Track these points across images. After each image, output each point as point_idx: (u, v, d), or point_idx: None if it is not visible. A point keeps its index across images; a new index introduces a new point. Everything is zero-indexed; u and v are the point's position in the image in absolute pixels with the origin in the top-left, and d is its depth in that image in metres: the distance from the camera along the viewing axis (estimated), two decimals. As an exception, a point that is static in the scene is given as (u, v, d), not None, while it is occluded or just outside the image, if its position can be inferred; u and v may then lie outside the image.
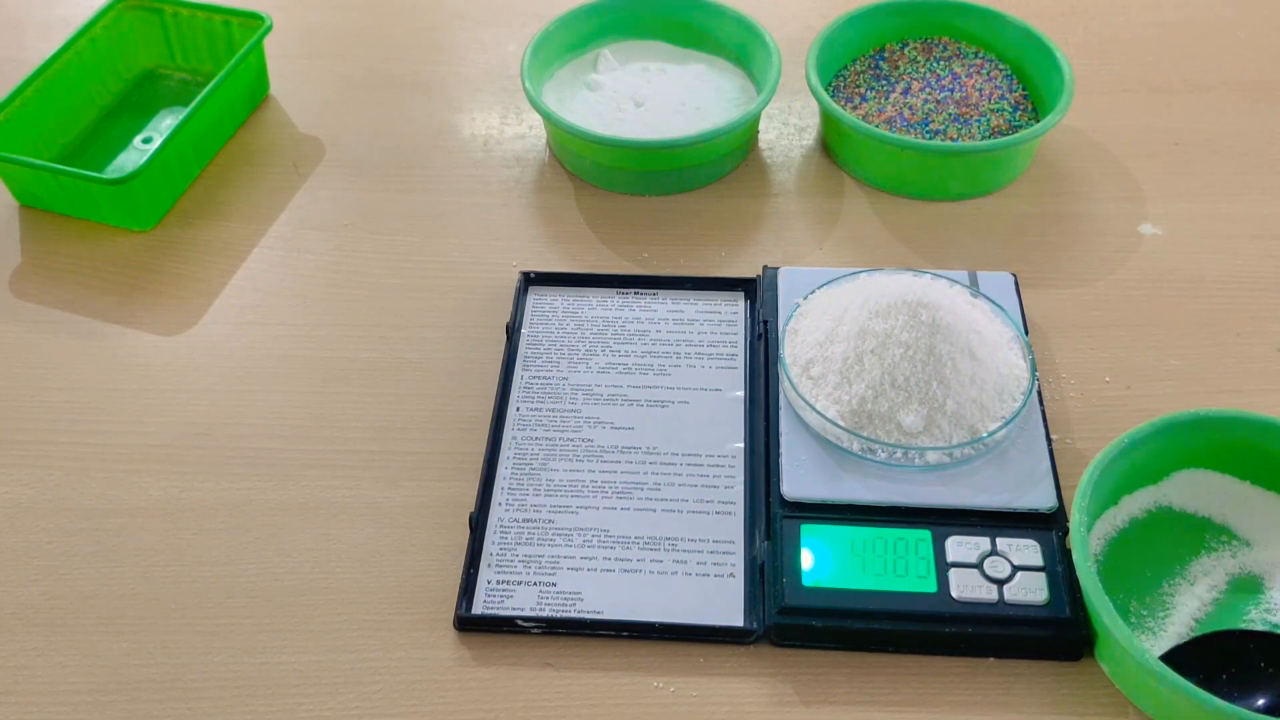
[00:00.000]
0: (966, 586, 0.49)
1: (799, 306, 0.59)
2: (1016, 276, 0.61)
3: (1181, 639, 0.49)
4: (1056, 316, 0.63)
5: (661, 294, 0.63)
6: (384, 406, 0.60)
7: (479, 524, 0.54)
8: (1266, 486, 0.53)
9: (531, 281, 0.64)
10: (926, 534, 0.51)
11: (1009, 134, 0.69)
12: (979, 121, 0.69)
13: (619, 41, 0.76)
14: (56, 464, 0.58)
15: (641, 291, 0.63)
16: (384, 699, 0.49)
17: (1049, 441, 0.54)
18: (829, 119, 0.70)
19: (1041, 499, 0.52)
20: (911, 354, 0.53)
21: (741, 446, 0.56)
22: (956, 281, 0.60)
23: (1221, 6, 0.83)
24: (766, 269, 0.62)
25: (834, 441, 0.54)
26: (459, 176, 0.72)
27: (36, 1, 0.87)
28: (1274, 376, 0.60)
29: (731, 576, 0.52)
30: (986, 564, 0.50)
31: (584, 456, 0.56)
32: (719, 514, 0.54)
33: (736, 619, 0.50)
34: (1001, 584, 0.49)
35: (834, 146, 0.72)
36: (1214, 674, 0.47)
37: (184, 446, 0.58)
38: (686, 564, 0.52)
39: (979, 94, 0.71)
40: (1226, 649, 0.48)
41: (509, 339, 0.61)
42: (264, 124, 0.76)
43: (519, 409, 0.58)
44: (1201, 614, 0.50)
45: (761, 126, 0.74)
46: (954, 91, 0.71)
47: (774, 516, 0.52)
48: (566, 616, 0.50)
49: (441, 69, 0.80)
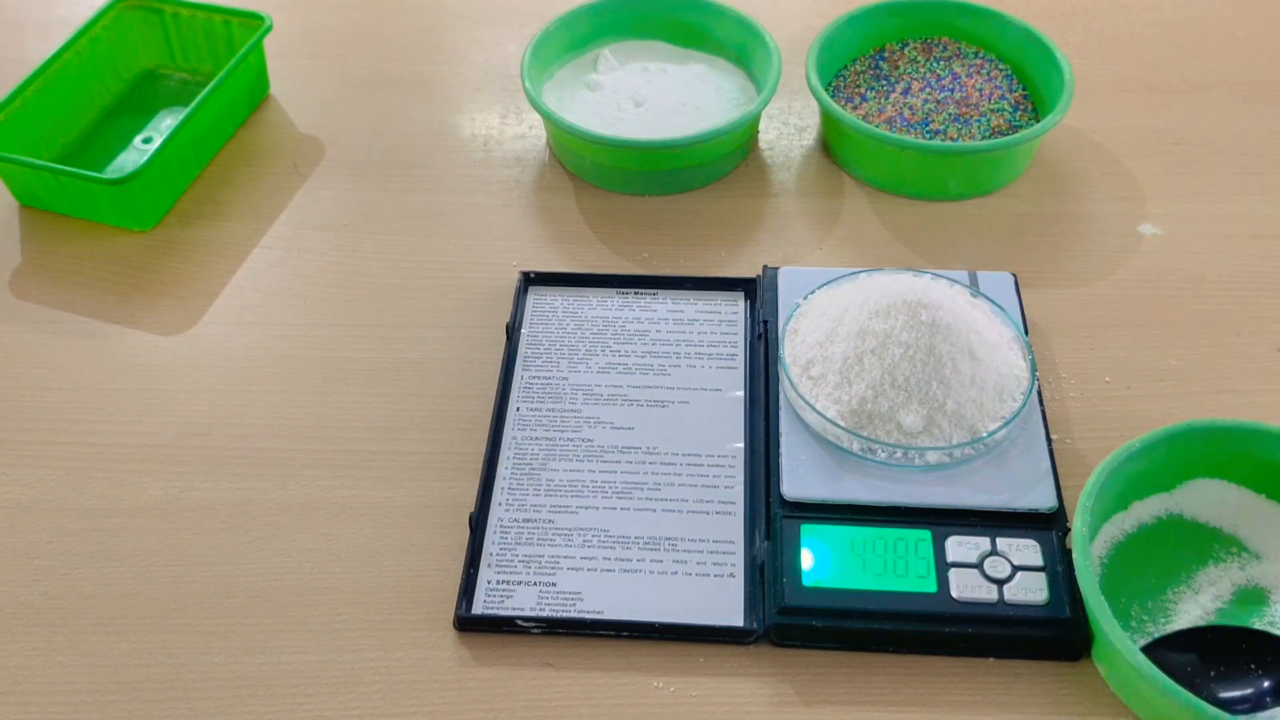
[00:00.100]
0: (966, 586, 0.49)
1: (799, 306, 0.59)
2: (1016, 276, 0.61)
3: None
4: (1056, 316, 0.63)
5: (661, 294, 0.63)
6: (384, 406, 0.60)
7: (479, 524, 0.54)
8: (1279, 500, 0.52)
9: (531, 281, 0.64)
10: (926, 534, 0.51)
11: (1009, 134, 0.69)
12: (979, 121, 0.69)
13: (619, 41, 0.76)
14: (56, 464, 0.58)
15: (641, 291, 0.63)
16: (384, 699, 0.49)
17: (1049, 441, 0.54)
18: (829, 119, 0.70)
19: (1041, 499, 0.52)
20: (911, 354, 0.53)
21: (741, 446, 0.56)
22: (956, 281, 0.60)
23: (1221, 6, 0.83)
24: (766, 269, 0.62)
25: (834, 441, 0.54)
26: (459, 176, 0.72)
27: (36, 1, 0.87)
28: (1274, 376, 0.60)
29: (731, 576, 0.52)
30: (986, 564, 0.50)
31: (584, 456, 0.56)
32: (719, 514, 0.54)
33: (736, 619, 0.50)
34: (1001, 584, 0.49)
35: (834, 146, 0.72)
36: (1203, 668, 0.47)
37: (184, 446, 0.58)
38: (686, 564, 0.52)
39: (979, 94, 0.71)
40: (1217, 645, 0.48)
41: (509, 339, 0.61)
42: (264, 124, 0.76)
43: (519, 409, 0.58)
44: (1203, 623, 0.49)
45: (761, 126, 0.74)
46: (954, 91, 0.71)
47: (774, 516, 0.52)
48: (566, 616, 0.50)
49: (441, 69, 0.80)
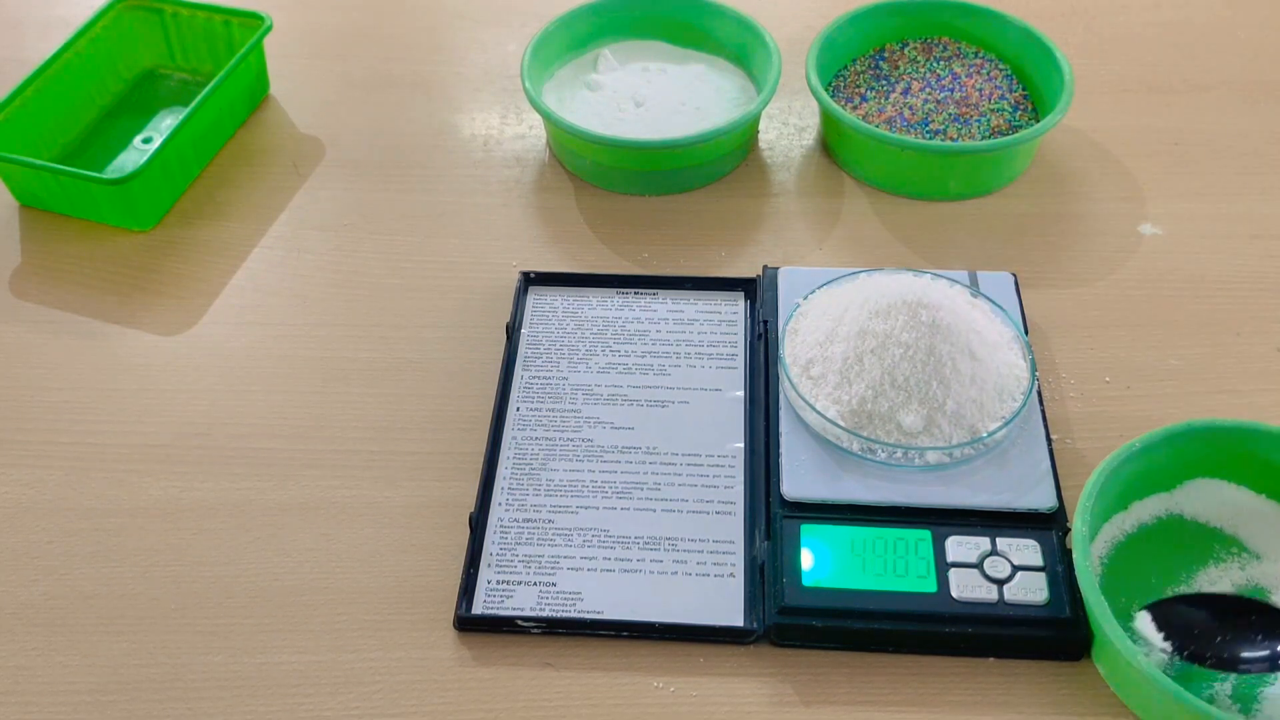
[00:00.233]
0: (966, 586, 0.49)
1: (799, 306, 0.59)
2: (1016, 276, 0.61)
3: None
4: (1056, 316, 0.63)
5: (661, 294, 0.63)
6: (384, 406, 0.60)
7: (479, 524, 0.54)
8: (1279, 500, 0.52)
9: (531, 281, 0.64)
10: (926, 534, 0.51)
11: (1009, 134, 0.69)
12: (979, 121, 0.69)
13: (619, 41, 0.76)
14: (56, 464, 0.58)
15: (641, 291, 0.63)
16: (384, 699, 0.49)
17: (1049, 441, 0.54)
18: (829, 119, 0.70)
19: (1041, 499, 0.52)
20: (911, 354, 0.53)
21: (741, 446, 0.56)
22: (956, 281, 0.60)
23: (1221, 6, 0.83)
24: (766, 269, 0.62)
25: (834, 441, 0.54)
26: (459, 176, 0.72)
27: (36, 1, 0.87)
28: (1274, 376, 0.60)
29: (731, 576, 0.52)
30: (986, 564, 0.50)
31: (584, 456, 0.56)
32: (719, 514, 0.54)
33: (736, 619, 0.50)
34: (1001, 584, 0.49)
35: (834, 146, 0.72)
36: (1207, 631, 0.47)
37: (184, 446, 0.58)
38: (686, 564, 0.52)
39: (979, 94, 0.71)
40: (1222, 612, 0.48)
41: (509, 339, 0.61)
42: (264, 124, 0.76)
43: (519, 409, 0.58)
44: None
45: (761, 126, 0.74)
46: (954, 91, 0.71)
47: (774, 516, 0.52)
48: (566, 616, 0.50)
49: (441, 69, 0.80)
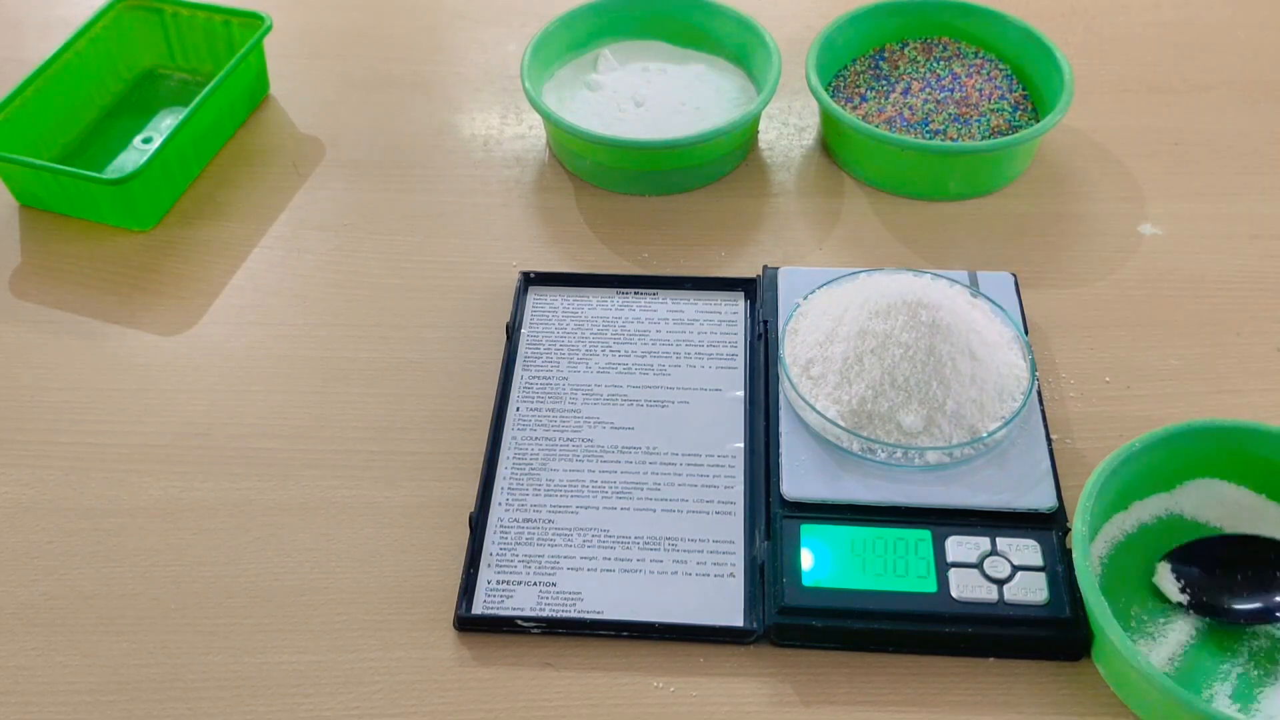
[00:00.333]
0: (966, 586, 0.49)
1: (799, 306, 0.59)
2: (1016, 276, 0.61)
3: (1180, 646, 0.48)
4: (1056, 316, 0.63)
5: (661, 294, 0.63)
6: (384, 406, 0.60)
7: (479, 524, 0.54)
8: (1278, 500, 0.52)
9: (531, 281, 0.64)
10: (926, 534, 0.51)
11: (1009, 134, 0.69)
12: (979, 121, 0.69)
13: (619, 41, 0.76)
14: (56, 464, 0.58)
15: (641, 291, 0.63)
16: (384, 699, 0.49)
17: (1049, 441, 0.54)
18: (829, 119, 0.70)
19: (1041, 499, 0.52)
20: (911, 354, 0.53)
21: (741, 446, 0.56)
22: (956, 281, 0.60)
23: (1221, 6, 0.83)
24: (766, 269, 0.62)
25: (834, 441, 0.54)
26: (459, 176, 0.72)
27: (36, 1, 0.87)
28: (1274, 376, 0.60)
29: (731, 576, 0.52)
30: (986, 564, 0.50)
31: (584, 456, 0.56)
32: (719, 514, 0.54)
33: (736, 619, 0.50)
34: (1001, 584, 0.49)
35: (834, 146, 0.72)
36: (1224, 576, 0.48)
37: (184, 446, 0.58)
38: (686, 564, 0.52)
39: (979, 94, 0.71)
40: (1238, 554, 0.49)
41: (509, 339, 0.61)
42: (264, 124, 0.76)
43: (519, 409, 0.58)
44: (1203, 623, 0.49)
45: (761, 126, 0.74)
46: (954, 91, 0.71)
47: (774, 516, 0.52)
48: (566, 616, 0.50)
49: (441, 69, 0.80)
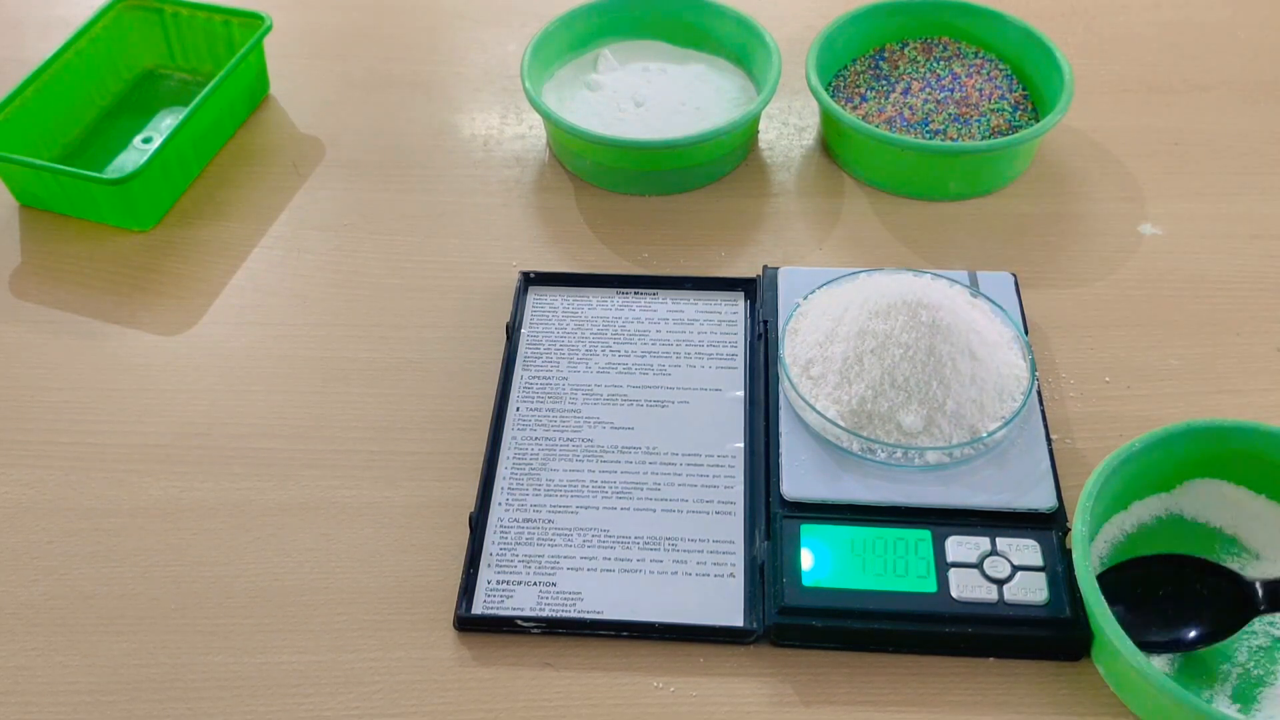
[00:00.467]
0: (966, 586, 0.49)
1: (799, 306, 0.59)
2: (1016, 276, 0.61)
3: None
4: (1056, 316, 0.63)
5: (661, 294, 0.63)
6: (384, 406, 0.60)
7: (479, 524, 0.54)
8: (1278, 500, 0.52)
9: (531, 281, 0.64)
10: (926, 534, 0.51)
11: (1009, 134, 0.69)
12: (979, 121, 0.69)
13: (619, 41, 0.76)
14: (56, 464, 0.58)
15: (641, 291, 0.63)
16: (384, 699, 0.49)
17: (1049, 441, 0.54)
18: (829, 119, 0.70)
19: (1041, 499, 0.52)
20: (911, 354, 0.53)
21: (741, 446, 0.56)
22: (956, 281, 0.60)
23: (1221, 6, 0.83)
24: (766, 269, 0.62)
25: (834, 441, 0.54)
26: (459, 176, 0.72)
27: (36, 1, 0.87)
28: (1274, 376, 0.60)
29: (731, 576, 0.52)
30: (986, 564, 0.50)
31: (584, 456, 0.56)
32: (719, 514, 0.54)
33: (736, 619, 0.50)
34: (1001, 584, 0.49)
35: (834, 146, 0.72)
36: (1150, 597, 0.48)
37: (184, 446, 0.58)
38: (686, 564, 0.52)
39: (979, 94, 0.71)
40: (1165, 574, 0.49)
41: (509, 339, 0.61)
42: (264, 124, 0.76)
43: (519, 409, 0.58)
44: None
45: (761, 126, 0.74)
46: (954, 91, 0.71)
47: (774, 516, 0.52)
48: (566, 616, 0.50)
49: (441, 69, 0.80)
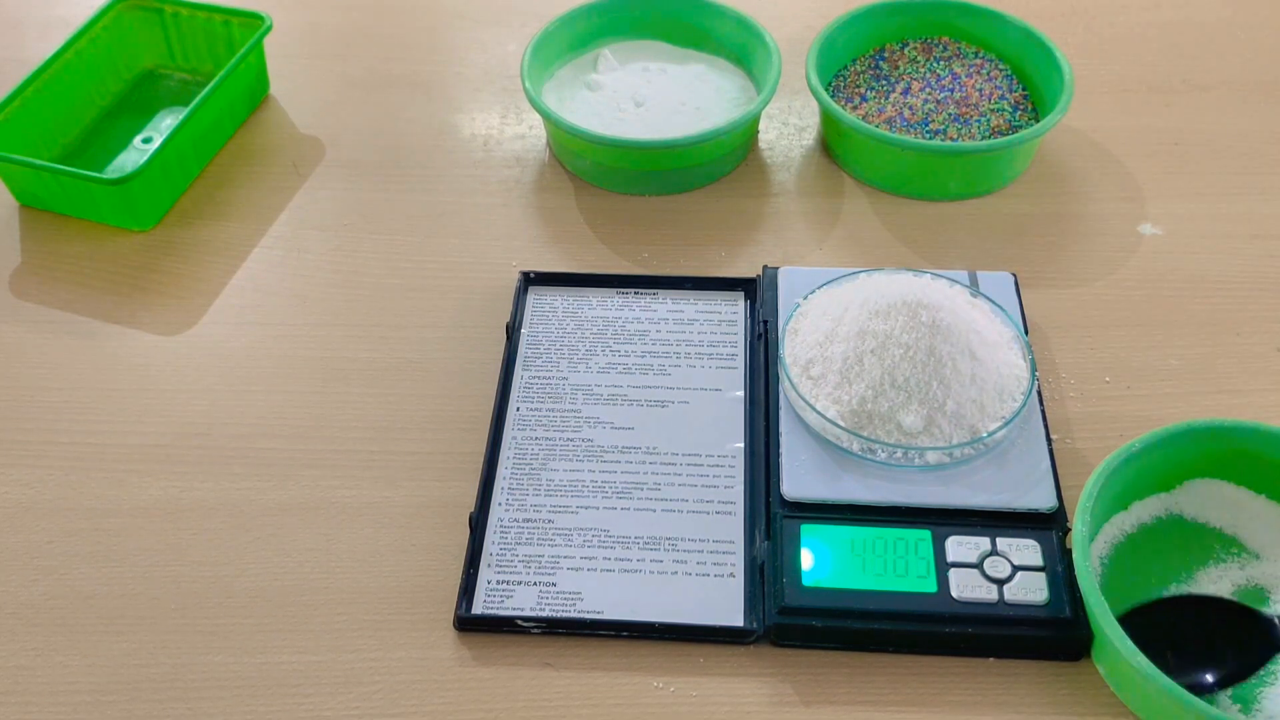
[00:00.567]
0: (966, 586, 0.49)
1: (799, 306, 0.59)
2: (1016, 276, 0.61)
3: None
4: (1056, 316, 0.63)
5: (661, 294, 0.63)
6: (384, 406, 0.60)
7: (479, 524, 0.54)
8: (1278, 500, 0.52)
9: (531, 281, 0.64)
10: (926, 534, 0.51)
11: (1009, 134, 0.69)
12: (979, 121, 0.69)
13: (619, 41, 0.76)
14: (56, 464, 0.58)
15: (641, 291, 0.63)
16: (384, 699, 0.49)
17: (1049, 441, 0.54)
18: (829, 119, 0.70)
19: (1041, 499, 0.52)
20: (911, 354, 0.53)
21: (741, 446, 0.56)
22: (956, 281, 0.60)
23: (1221, 6, 0.83)
24: (766, 269, 0.62)
25: (834, 441, 0.54)
26: (459, 176, 0.72)
27: (36, 1, 0.87)
28: (1274, 376, 0.60)
29: (731, 576, 0.52)
30: (986, 564, 0.50)
31: (584, 456, 0.56)
32: (719, 514, 0.54)
33: (736, 619, 0.50)
34: (1001, 584, 0.49)
35: (834, 146, 0.72)
36: (1172, 640, 0.47)
37: (184, 446, 0.58)
38: (686, 564, 0.52)
39: (979, 94, 0.71)
40: (1187, 616, 0.49)
41: (509, 339, 0.61)
42: (264, 124, 0.76)
43: (519, 409, 0.58)
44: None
45: (761, 126, 0.74)
46: (954, 91, 0.71)
47: (774, 516, 0.52)
48: (566, 616, 0.50)
49: (441, 69, 0.80)
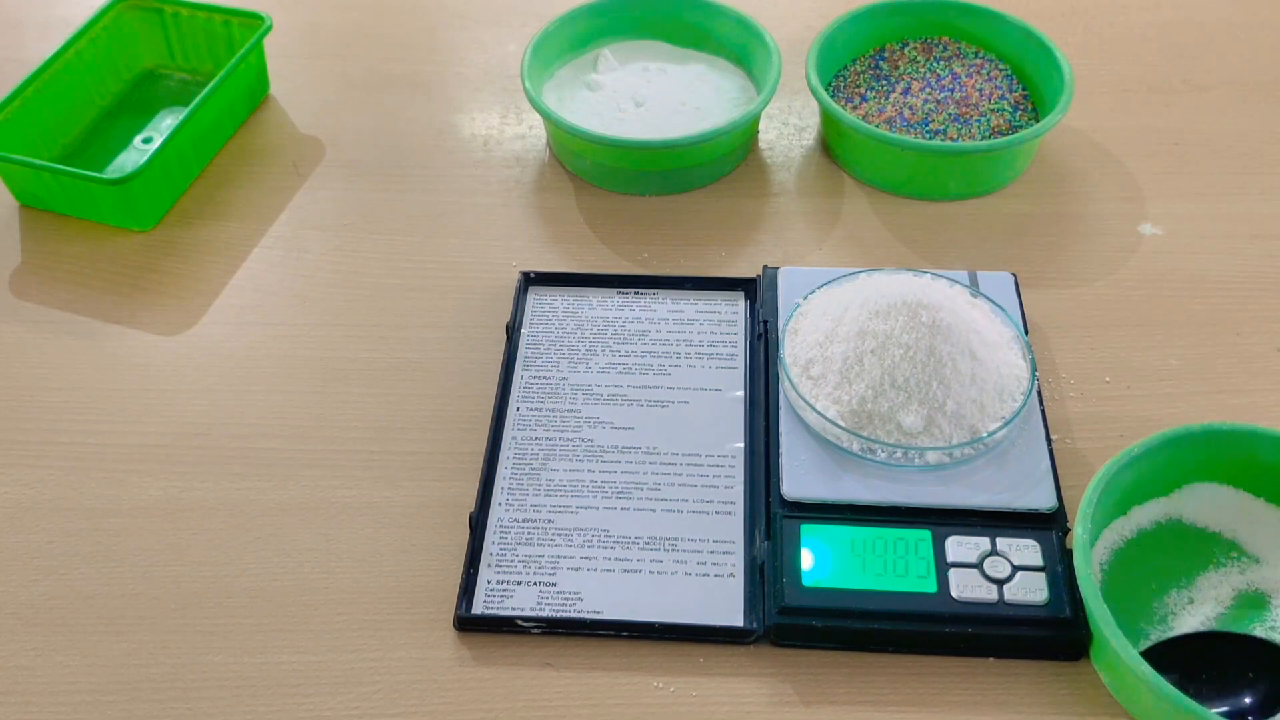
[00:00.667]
0: (966, 586, 0.49)
1: (799, 306, 0.59)
2: (1016, 276, 0.61)
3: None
4: (1056, 316, 0.63)
5: (661, 294, 0.63)
6: (384, 406, 0.60)
7: (479, 524, 0.54)
8: (1278, 503, 0.52)
9: (531, 281, 0.64)
10: (926, 534, 0.51)
11: (1009, 134, 0.69)
12: (979, 121, 0.69)
13: (619, 41, 0.76)
14: (56, 464, 0.58)
15: (641, 291, 0.63)
16: (384, 699, 0.49)
17: (1049, 441, 0.54)
18: (829, 119, 0.70)
19: (1041, 499, 0.52)
20: (912, 355, 0.53)
21: (741, 446, 0.56)
22: (956, 281, 0.60)
23: (1221, 6, 0.83)
24: (766, 269, 0.62)
25: (834, 441, 0.54)
26: (459, 176, 0.72)
27: (36, 1, 0.87)
28: (1274, 376, 0.60)
29: (731, 576, 0.52)
30: (986, 564, 0.50)
31: (584, 456, 0.56)
32: (719, 514, 0.54)
33: (736, 619, 0.50)
34: (1001, 584, 0.49)
35: (834, 146, 0.72)
36: (1194, 674, 0.47)
37: (184, 446, 0.58)
38: (686, 564, 0.52)
39: (979, 94, 0.71)
40: (1207, 650, 0.48)
41: (509, 339, 0.61)
42: (264, 124, 0.76)
43: (519, 409, 0.58)
44: (1204, 628, 0.49)
45: (761, 126, 0.74)
46: (954, 91, 0.71)
47: (774, 516, 0.52)
48: (566, 616, 0.50)
49: (441, 69, 0.80)
